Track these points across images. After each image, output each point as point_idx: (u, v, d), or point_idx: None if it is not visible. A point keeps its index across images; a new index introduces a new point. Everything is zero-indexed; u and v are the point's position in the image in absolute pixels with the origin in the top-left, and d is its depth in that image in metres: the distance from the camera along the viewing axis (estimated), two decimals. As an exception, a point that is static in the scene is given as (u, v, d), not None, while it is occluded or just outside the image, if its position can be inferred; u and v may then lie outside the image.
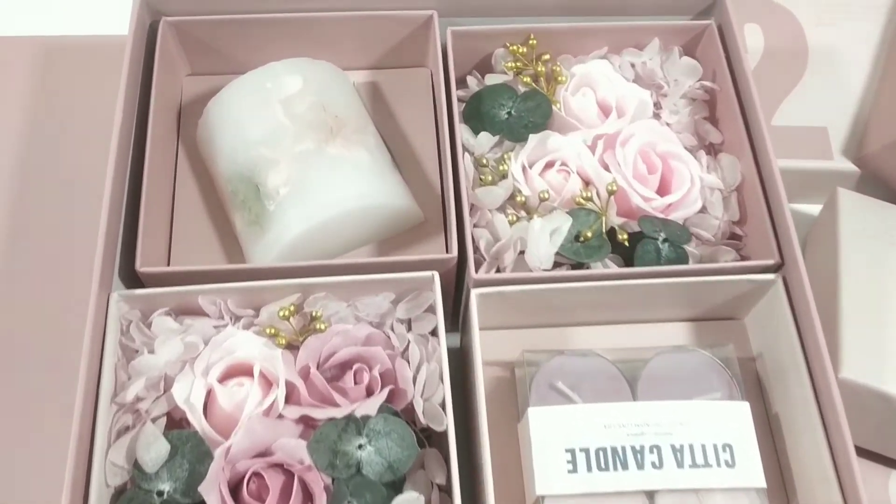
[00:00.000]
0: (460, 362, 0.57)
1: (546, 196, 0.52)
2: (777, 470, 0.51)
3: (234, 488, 0.45)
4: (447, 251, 0.52)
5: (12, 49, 0.65)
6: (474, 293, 0.49)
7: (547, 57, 0.58)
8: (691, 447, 0.47)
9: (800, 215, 0.66)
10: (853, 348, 0.51)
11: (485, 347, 0.52)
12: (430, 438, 0.48)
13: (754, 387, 0.53)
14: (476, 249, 0.52)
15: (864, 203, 0.60)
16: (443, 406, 0.46)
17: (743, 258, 0.54)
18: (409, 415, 0.47)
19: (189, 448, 0.45)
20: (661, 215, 0.54)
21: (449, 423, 0.46)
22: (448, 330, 0.51)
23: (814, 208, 0.66)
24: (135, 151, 0.54)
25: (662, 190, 0.55)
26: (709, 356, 0.51)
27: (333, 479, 0.44)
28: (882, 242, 0.57)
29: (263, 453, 0.45)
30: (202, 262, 0.54)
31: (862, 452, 0.54)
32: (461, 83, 0.60)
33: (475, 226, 0.53)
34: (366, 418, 0.45)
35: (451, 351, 0.50)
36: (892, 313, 0.53)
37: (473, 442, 0.49)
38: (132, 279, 0.50)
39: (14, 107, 0.62)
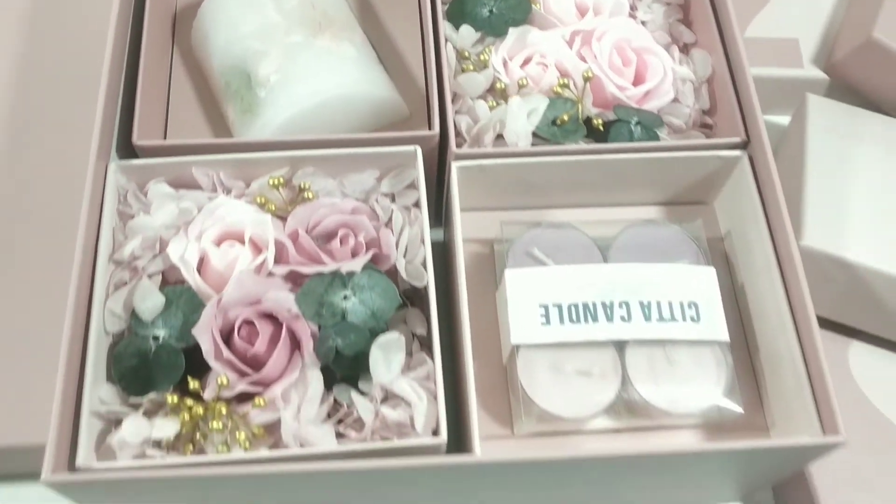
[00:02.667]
0: (444, 252, 0.59)
1: (525, 83, 0.55)
2: (742, 333, 0.53)
3: (227, 337, 0.47)
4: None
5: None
6: (455, 166, 0.52)
7: (529, -35, 0.61)
8: (658, 304, 0.49)
9: (774, 126, 0.69)
10: (815, 219, 0.54)
11: (466, 227, 0.55)
12: (413, 302, 0.51)
13: (722, 263, 0.56)
14: (458, 133, 0.55)
15: (833, 106, 0.62)
16: (423, 266, 0.49)
17: (713, 146, 0.57)
18: (392, 278, 0.50)
19: (183, 301, 0.48)
20: (636, 105, 0.56)
21: (429, 279, 0.48)
22: (432, 226, 0.54)
23: (787, 119, 0.69)
24: (131, 44, 0.56)
25: (637, 82, 0.58)
26: (678, 229, 0.54)
27: (320, 327, 0.47)
28: (848, 141, 0.60)
29: (253, 304, 0.48)
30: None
31: (823, 323, 0.56)
32: (446, -9, 0.62)
33: (457, 112, 0.56)
34: (351, 274, 0.48)
35: (434, 245, 0.52)
36: (853, 191, 0.56)
37: (453, 304, 0.52)
38: (130, 153, 0.52)
39: (11, 20, 0.65)
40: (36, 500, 0.51)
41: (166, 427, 0.45)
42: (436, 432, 0.44)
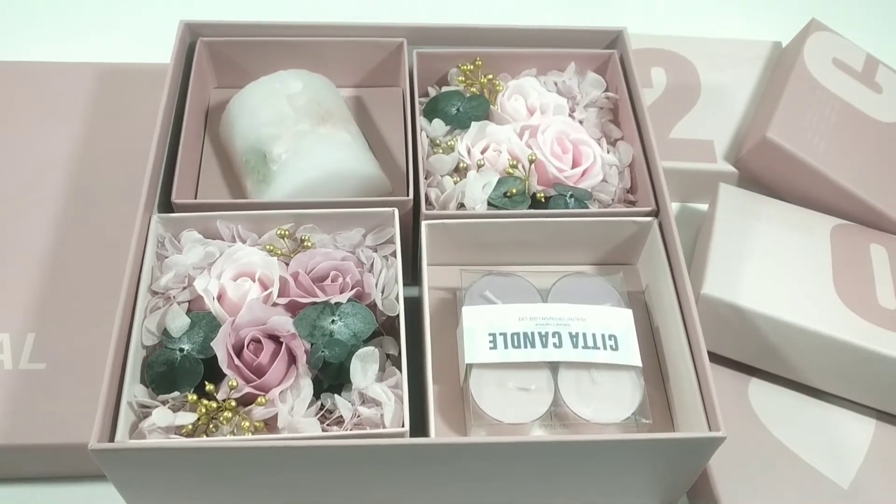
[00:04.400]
0: (418, 302, 0.71)
1: (482, 163, 0.69)
2: (657, 365, 0.65)
3: (238, 351, 0.59)
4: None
5: (76, 72, 0.84)
6: (424, 224, 0.65)
7: (490, 76, 0.77)
8: (584, 335, 0.62)
9: (695, 210, 0.84)
10: (715, 273, 0.67)
11: (434, 278, 0.68)
12: (388, 332, 0.63)
13: (642, 310, 0.69)
14: (428, 201, 0.68)
15: (739, 193, 0.76)
16: (396, 299, 0.62)
17: (634, 216, 0.71)
18: (372, 312, 0.62)
19: (204, 323, 0.60)
20: (572, 184, 0.70)
21: (400, 309, 0.61)
22: (408, 284, 0.67)
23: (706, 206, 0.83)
24: (174, 129, 0.71)
25: (573, 166, 0.72)
26: (603, 280, 0.67)
27: (312, 345, 0.59)
28: (749, 218, 0.73)
29: (260, 326, 0.60)
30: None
31: (726, 362, 0.68)
32: (424, 95, 0.78)
33: (429, 186, 0.70)
34: (338, 304, 0.61)
35: (411, 299, 0.65)
36: (749, 253, 0.69)
37: (421, 336, 0.64)
38: (169, 209, 0.66)
39: (80, 109, 0.81)
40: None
41: (186, 417, 0.56)
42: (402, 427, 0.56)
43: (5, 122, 0.79)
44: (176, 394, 0.58)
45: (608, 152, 0.73)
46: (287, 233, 0.64)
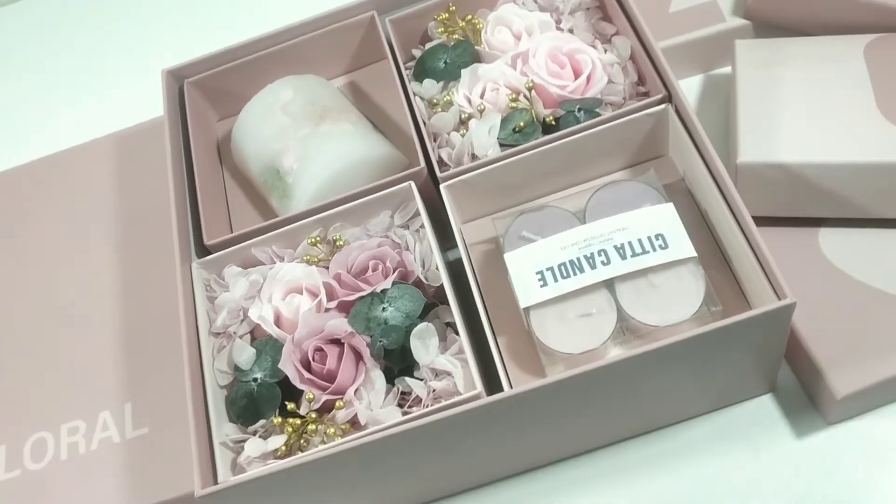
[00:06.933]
0: (463, 270, 0.70)
1: (482, 107, 0.68)
2: (717, 248, 0.63)
3: (305, 364, 0.61)
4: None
5: (95, 148, 0.87)
6: (443, 187, 0.65)
7: (469, 17, 0.75)
8: (630, 243, 0.60)
9: (723, 77, 0.80)
10: (748, 139, 0.63)
11: (473, 233, 0.68)
12: (443, 302, 0.63)
13: (687, 198, 0.66)
14: (443, 162, 0.68)
15: (757, 44, 0.72)
16: (437, 269, 0.62)
17: (651, 108, 0.68)
18: (419, 287, 0.63)
19: (269, 348, 0.62)
20: (580, 96, 0.68)
21: (444, 278, 0.61)
22: (452, 247, 0.67)
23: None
24: (189, 177, 0.73)
25: (576, 78, 0.69)
26: (636, 182, 0.65)
27: (371, 337, 0.60)
28: (773, 68, 0.69)
29: (318, 334, 0.61)
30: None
31: (789, 221, 0.65)
32: (411, 59, 0.77)
33: (439, 146, 0.69)
34: (385, 290, 0.61)
35: (454, 263, 0.65)
36: (780, 106, 0.65)
37: (474, 298, 0.63)
38: (205, 251, 0.68)
39: (100, 187, 0.85)
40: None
41: (277, 441, 0.58)
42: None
43: (41, 220, 0.83)
44: (262, 421, 0.60)
45: (606, 52, 0.70)
46: (318, 239, 0.65)
